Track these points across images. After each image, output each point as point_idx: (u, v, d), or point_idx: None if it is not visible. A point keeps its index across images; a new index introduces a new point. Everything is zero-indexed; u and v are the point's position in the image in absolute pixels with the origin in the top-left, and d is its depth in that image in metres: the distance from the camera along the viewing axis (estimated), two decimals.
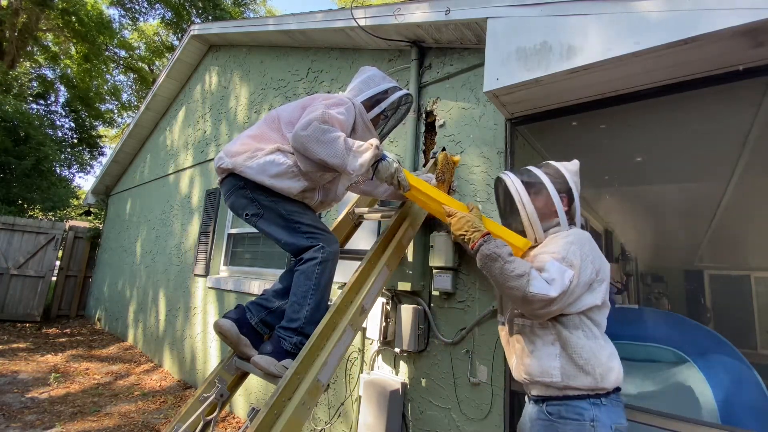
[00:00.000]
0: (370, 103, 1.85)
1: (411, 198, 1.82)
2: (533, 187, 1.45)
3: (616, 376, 1.26)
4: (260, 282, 3.58)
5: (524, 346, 1.37)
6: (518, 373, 1.40)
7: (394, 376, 2.42)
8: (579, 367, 1.24)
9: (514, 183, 1.47)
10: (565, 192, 1.44)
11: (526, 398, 1.50)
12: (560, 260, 1.25)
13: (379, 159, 1.66)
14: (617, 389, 1.29)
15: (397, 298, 2.45)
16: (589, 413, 1.21)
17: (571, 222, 1.44)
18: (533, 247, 1.47)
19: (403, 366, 2.42)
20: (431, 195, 1.69)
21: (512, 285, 1.23)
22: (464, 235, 1.43)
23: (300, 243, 1.66)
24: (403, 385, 2.33)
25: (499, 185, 1.60)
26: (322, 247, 1.66)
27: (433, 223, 2.40)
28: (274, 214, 1.68)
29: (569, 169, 1.50)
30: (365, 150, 1.59)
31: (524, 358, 1.36)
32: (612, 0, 1.57)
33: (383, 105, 1.87)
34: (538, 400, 1.33)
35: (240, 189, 1.69)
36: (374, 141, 1.64)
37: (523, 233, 1.48)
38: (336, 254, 1.71)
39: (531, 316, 1.32)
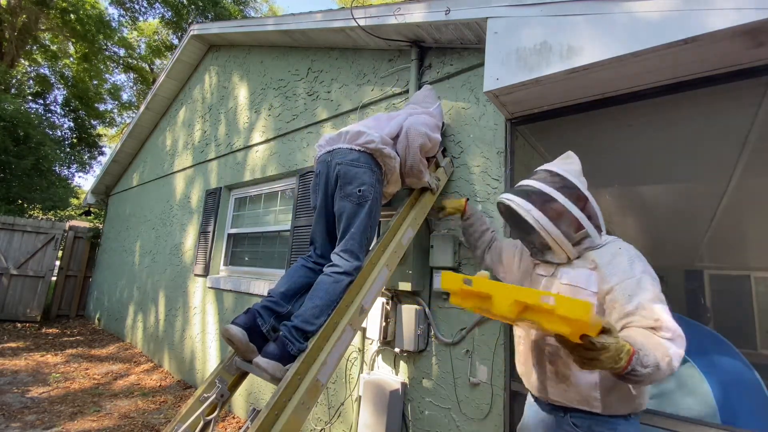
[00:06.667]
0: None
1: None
2: (545, 205, 1.27)
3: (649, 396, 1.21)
4: (260, 282, 3.58)
5: (558, 369, 1.23)
6: (542, 394, 1.30)
7: (394, 376, 2.42)
8: (624, 397, 1.16)
9: (524, 207, 1.28)
10: (575, 195, 1.28)
11: (531, 399, 1.45)
12: (663, 302, 1.10)
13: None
14: None
15: (397, 298, 2.45)
16: (622, 428, 1.18)
17: (599, 229, 1.30)
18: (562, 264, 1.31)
19: (403, 366, 2.42)
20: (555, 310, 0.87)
21: (666, 377, 1.03)
22: (615, 366, 0.94)
23: (358, 250, 1.67)
24: (403, 385, 2.33)
25: (506, 210, 1.39)
26: (360, 268, 1.68)
27: (433, 224, 2.40)
28: (372, 210, 1.71)
29: (566, 168, 1.34)
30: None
31: (558, 383, 1.24)
32: (612, 0, 1.57)
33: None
34: (559, 408, 1.25)
35: (373, 170, 1.73)
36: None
37: (546, 247, 1.31)
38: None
39: None
